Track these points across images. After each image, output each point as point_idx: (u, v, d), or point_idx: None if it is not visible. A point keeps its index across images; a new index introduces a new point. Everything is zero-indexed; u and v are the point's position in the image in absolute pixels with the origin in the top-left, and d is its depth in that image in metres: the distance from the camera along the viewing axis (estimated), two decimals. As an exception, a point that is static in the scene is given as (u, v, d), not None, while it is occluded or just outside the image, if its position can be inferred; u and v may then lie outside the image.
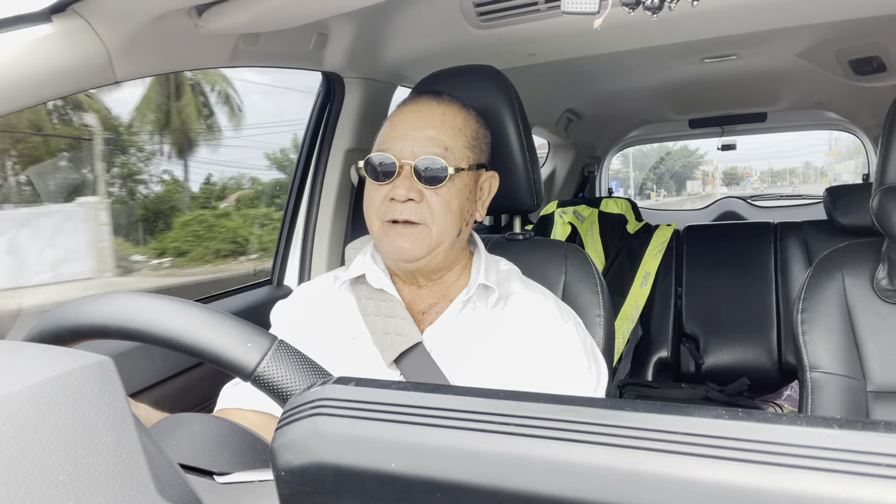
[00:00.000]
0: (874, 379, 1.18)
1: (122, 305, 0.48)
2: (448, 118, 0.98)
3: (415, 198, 0.93)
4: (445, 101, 1.01)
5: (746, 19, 1.50)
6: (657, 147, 16.02)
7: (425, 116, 0.97)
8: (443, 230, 0.95)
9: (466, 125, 1.00)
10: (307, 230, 1.69)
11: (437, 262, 0.99)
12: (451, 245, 0.98)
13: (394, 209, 0.94)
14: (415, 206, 0.94)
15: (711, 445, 0.26)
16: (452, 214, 0.96)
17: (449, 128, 0.97)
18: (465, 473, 0.29)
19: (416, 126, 0.96)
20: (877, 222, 1.19)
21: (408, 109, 1.00)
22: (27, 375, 0.32)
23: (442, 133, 0.96)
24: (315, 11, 1.14)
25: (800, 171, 22.92)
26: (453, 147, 0.96)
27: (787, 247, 2.60)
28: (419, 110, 0.99)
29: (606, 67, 2.13)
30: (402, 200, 0.93)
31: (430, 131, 0.96)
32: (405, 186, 0.93)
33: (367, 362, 0.96)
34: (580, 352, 0.98)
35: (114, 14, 0.95)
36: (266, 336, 0.48)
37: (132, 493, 0.32)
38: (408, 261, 0.96)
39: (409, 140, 0.95)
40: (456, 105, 1.01)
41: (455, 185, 0.96)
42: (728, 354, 2.57)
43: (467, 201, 0.99)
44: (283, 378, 0.45)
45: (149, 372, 1.20)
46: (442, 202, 0.95)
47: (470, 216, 1.02)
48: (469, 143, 0.99)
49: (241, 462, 0.50)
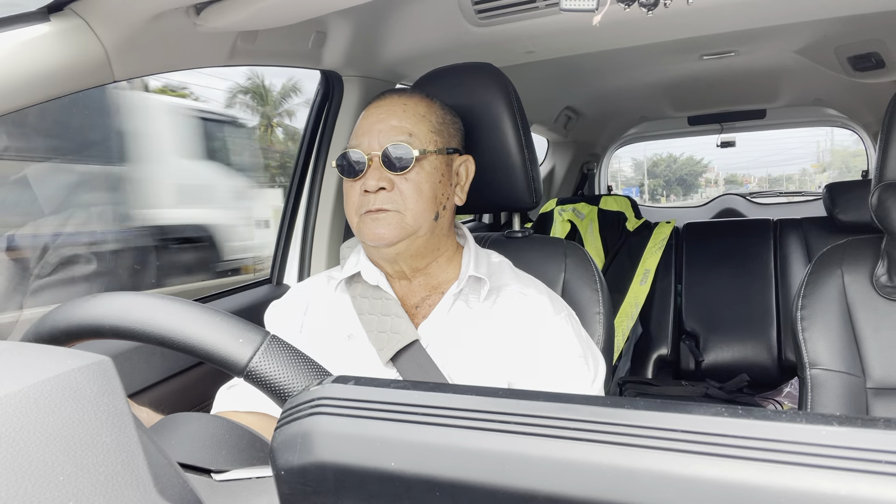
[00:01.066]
0: (874, 375, 1.18)
1: (114, 305, 0.48)
2: (410, 107, 1.01)
3: (385, 186, 0.96)
4: (407, 93, 1.04)
5: (745, 16, 1.49)
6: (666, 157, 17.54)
7: (387, 108, 1.00)
8: (417, 214, 0.97)
9: (430, 112, 1.02)
10: (306, 229, 1.69)
11: (418, 246, 0.99)
12: (430, 230, 0.99)
13: (367, 201, 0.96)
14: (387, 195, 0.96)
15: (711, 443, 0.26)
16: (425, 198, 0.97)
17: (411, 115, 1.00)
18: (465, 472, 0.29)
19: (379, 119, 0.99)
20: (876, 219, 1.19)
21: (373, 106, 1.03)
22: (27, 375, 0.32)
23: (404, 121, 0.98)
24: (313, 8, 1.14)
25: (796, 177, 23.70)
26: (417, 132, 0.98)
27: (786, 244, 2.61)
28: (382, 105, 1.01)
29: (605, 65, 2.13)
30: (374, 190, 0.96)
31: (393, 121, 0.98)
32: (375, 177, 0.96)
33: (363, 361, 0.96)
34: (575, 343, 0.98)
35: (112, 13, 0.94)
36: (258, 331, 0.48)
37: (132, 492, 0.32)
38: (387, 245, 0.97)
39: (374, 133, 0.98)
40: (418, 95, 1.04)
41: (424, 169, 0.98)
42: (728, 351, 2.57)
43: (440, 185, 1.00)
44: (275, 373, 0.46)
45: (148, 372, 1.20)
46: (412, 187, 0.96)
47: (447, 200, 1.03)
48: (434, 127, 1.01)
49: (238, 459, 0.50)
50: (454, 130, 1.06)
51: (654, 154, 19.18)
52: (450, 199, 1.03)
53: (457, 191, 1.05)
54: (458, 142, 1.07)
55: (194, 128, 5.87)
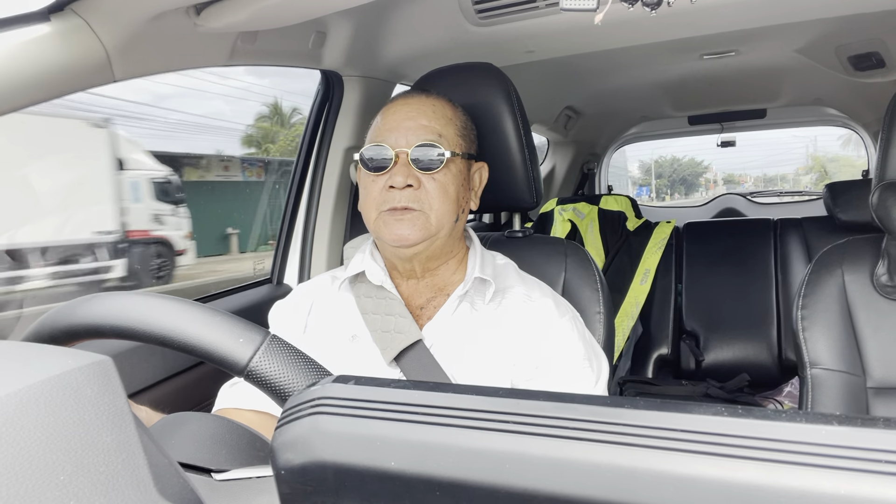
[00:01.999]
0: (874, 375, 1.18)
1: (114, 305, 0.48)
2: (438, 109, 1.01)
3: (413, 184, 0.95)
4: (434, 95, 1.05)
5: (745, 15, 1.49)
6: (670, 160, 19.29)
7: (417, 107, 1.00)
8: (441, 215, 0.97)
9: (456, 116, 1.04)
10: (307, 228, 1.69)
11: (436, 248, 1.00)
12: (449, 232, 1.00)
13: (392, 197, 0.96)
14: (413, 193, 0.96)
15: (711, 443, 0.26)
16: (450, 199, 0.98)
17: (440, 117, 1.00)
18: (466, 471, 0.29)
19: (408, 116, 0.99)
20: (877, 218, 1.19)
21: (399, 103, 1.03)
22: (27, 375, 0.32)
23: (434, 122, 0.99)
24: (313, 9, 1.14)
25: (790, 177, 24.96)
26: (446, 134, 0.99)
27: (786, 243, 2.60)
28: (410, 103, 1.02)
29: (606, 64, 2.12)
30: (401, 187, 0.95)
31: (423, 120, 0.99)
32: (403, 174, 0.95)
33: (367, 361, 0.96)
34: (579, 345, 0.98)
35: (112, 13, 0.94)
36: (258, 331, 0.48)
37: (132, 492, 0.32)
38: (408, 246, 0.97)
39: (402, 130, 0.98)
40: (444, 98, 1.05)
41: (451, 171, 0.98)
42: (728, 351, 2.57)
43: (462, 188, 1.01)
44: (276, 372, 0.46)
45: (148, 372, 1.20)
46: (439, 187, 0.97)
47: (466, 203, 1.04)
48: (460, 131, 1.02)
49: (239, 459, 0.50)
50: (474, 137, 1.08)
51: (660, 156, 20.59)
52: (468, 203, 1.05)
53: (471, 195, 1.07)
54: (475, 148, 1.08)
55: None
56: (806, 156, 16.31)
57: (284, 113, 17.88)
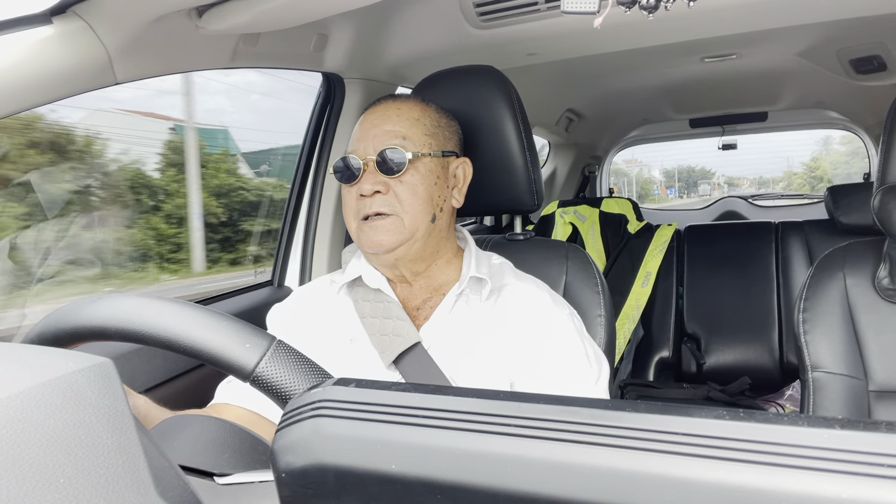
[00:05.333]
0: (876, 378, 1.18)
1: (120, 307, 0.48)
2: (404, 111, 1.02)
3: (381, 189, 0.97)
4: (401, 98, 1.06)
5: (746, 18, 1.49)
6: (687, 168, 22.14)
7: (381, 114, 1.02)
8: (414, 217, 0.98)
9: (424, 115, 1.04)
10: (308, 231, 1.69)
11: (416, 250, 1.00)
12: (428, 232, 1.00)
13: (364, 205, 0.98)
14: (382, 198, 0.97)
15: (713, 446, 0.26)
16: (421, 200, 0.98)
17: (405, 119, 1.01)
18: (466, 474, 0.29)
19: (374, 124, 1.01)
20: (878, 221, 1.19)
21: (368, 113, 1.04)
22: (27, 378, 0.32)
23: (398, 125, 1.00)
24: (315, 11, 1.14)
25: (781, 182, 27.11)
26: (411, 135, 1.00)
27: (788, 246, 2.60)
28: (377, 111, 1.03)
29: (607, 67, 2.13)
30: (370, 194, 0.97)
31: (387, 126, 1.00)
32: (370, 181, 0.97)
33: (365, 364, 0.96)
34: (577, 340, 0.98)
35: (114, 15, 0.94)
36: (265, 336, 0.47)
37: (132, 495, 0.32)
38: (387, 251, 0.98)
39: (368, 138, 1.00)
40: (412, 100, 1.06)
41: (419, 171, 0.99)
42: (729, 354, 2.56)
43: (436, 186, 1.01)
44: (282, 378, 0.45)
45: (149, 374, 1.20)
46: (408, 189, 0.98)
47: (444, 202, 1.03)
48: (429, 131, 1.02)
49: (241, 463, 0.50)
50: (450, 133, 1.07)
51: (677, 165, 24.83)
52: (447, 201, 1.04)
53: (454, 193, 1.06)
54: (454, 144, 1.07)
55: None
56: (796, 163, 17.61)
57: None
